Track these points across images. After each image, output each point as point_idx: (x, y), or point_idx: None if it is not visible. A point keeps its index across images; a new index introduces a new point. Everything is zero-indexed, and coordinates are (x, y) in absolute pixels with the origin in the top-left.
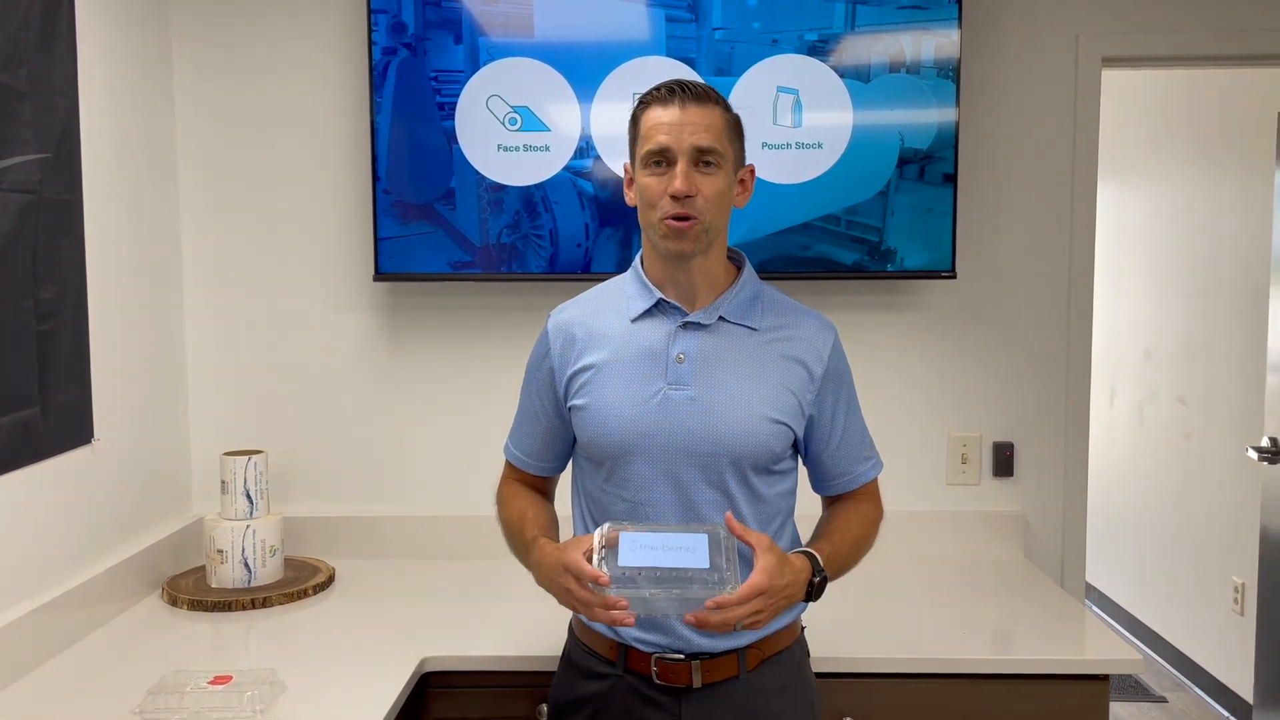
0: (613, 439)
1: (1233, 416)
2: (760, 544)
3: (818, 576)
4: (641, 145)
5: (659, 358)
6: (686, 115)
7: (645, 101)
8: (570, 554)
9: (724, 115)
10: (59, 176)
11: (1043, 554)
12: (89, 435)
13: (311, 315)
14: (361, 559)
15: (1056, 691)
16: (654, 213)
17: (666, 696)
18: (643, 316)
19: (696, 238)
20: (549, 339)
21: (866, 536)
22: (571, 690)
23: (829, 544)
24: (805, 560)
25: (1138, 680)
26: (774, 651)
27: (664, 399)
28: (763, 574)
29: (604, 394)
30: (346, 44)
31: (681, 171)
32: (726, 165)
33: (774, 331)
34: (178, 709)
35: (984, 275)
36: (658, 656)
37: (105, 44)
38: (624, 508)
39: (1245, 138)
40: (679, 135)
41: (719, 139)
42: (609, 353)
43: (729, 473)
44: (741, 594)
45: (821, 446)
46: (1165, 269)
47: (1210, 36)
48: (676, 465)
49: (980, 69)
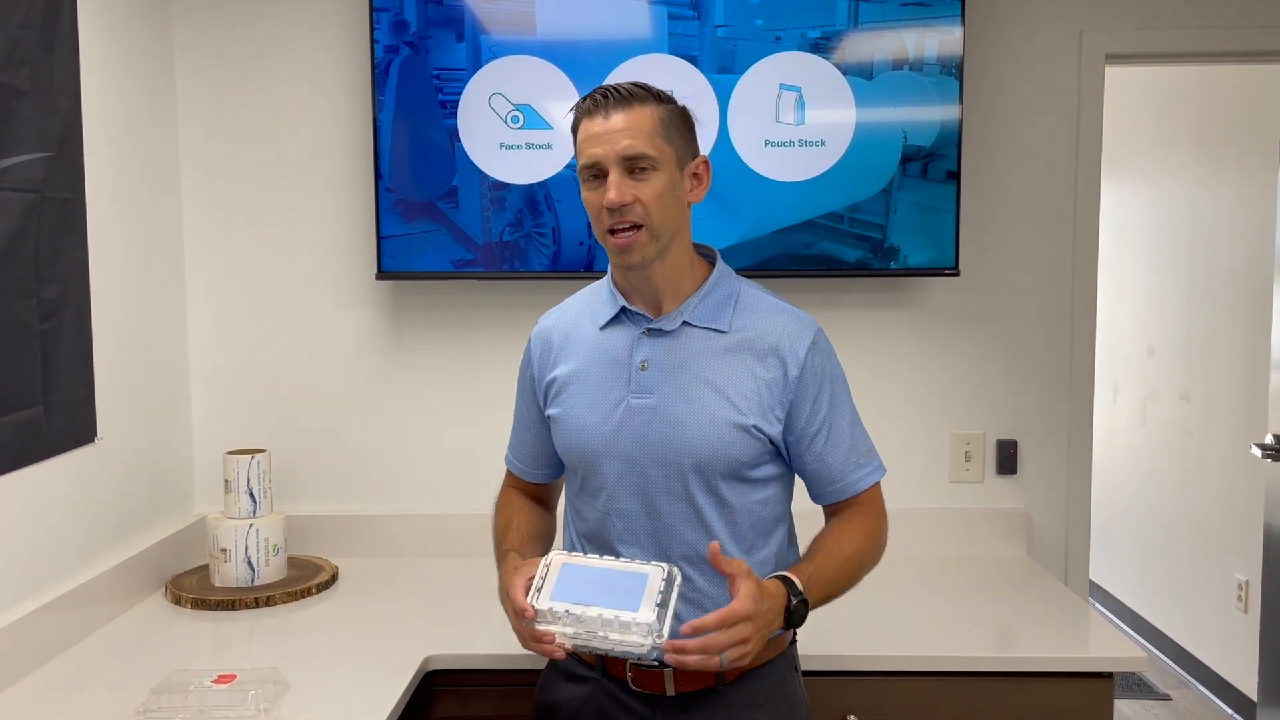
0: (581, 449)
1: (1236, 414)
2: (739, 571)
3: (795, 599)
4: (579, 160)
5: (623, 366)
6: (611, 123)
7: (577, 115)
8: (511, 579)
9: (655, 113)
10: (61, 175)
11: (1046, 551)
12: (92, 434)
13: (314, 314)
14: (365, 558)
15: (1061, 689)
16: (598, 226)
17: (641, 704)
18: (610, 324)
19: (643, 247)
20: (531, 346)
21: (862, 552)
22: (553, 692)
23: (811, 565)
24: (779, 585)
25: (1142, 678)
26: (755, 665)
27: (627, 408)
28: (747, 599)
29: (573, 404)
30: (348, 42)
31: (613, 182)
32: (665, 165)
33: (743, 332)
34: (182, 708)
35: (987, 273)
36: (632, 663)
37: (107, 42)
38: (595, 517)
39: (1249, 134)
40: (607, 145)
41: (649, 141)
42: (579, 362)
43: (692, 481)
44: (721, 617)
45: (804, 450)
46: (1168, 266)
47: (1214, 33)
48: (641, 474)
49: (983, 66)
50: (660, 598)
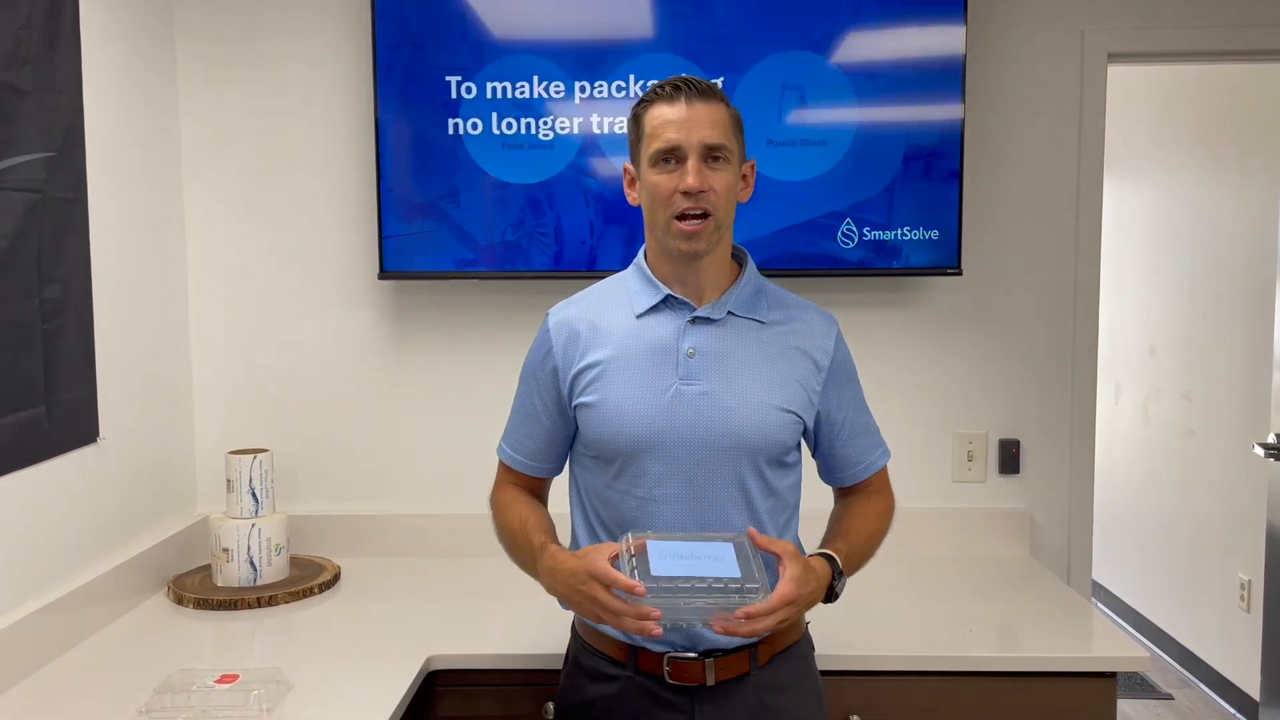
0: (626, 436)
1: (1238, 413)
2: (786, 551)
3: (839, 581)
4: (648, 144)
5: (669, 353)
6: (694, 112)
7: (648, 100)
8: (598, 562)
9: (727, 111)
10: (64, 175)
11: (1049, 551)
12: (94, 434)
13: (316, 313)
14: (367, 557)
15: (1063, 689)
16: (665, 210)
17: (679, 696)
18: (649, 312)
19: (709, 235)
20: (550, 337)
21: (880, 530)
22: (579, 694)
23: (845, 543)
24: (825, 564)
25: (1144, 677)
26: (783, 647)
27: (676, 394)
28: (791, 583)
29: (614, 391)
30: (351, 41)
31: (694, 168)
32: (734, 160)
33: (780, 325)
34: (184, 707)
35: (989, 272)
36: (670, 656)
37: (109, 42)
38: (634, 505)
39: (1251, 134)
40: (688, 132)
41: (726, 135)
42: (615, 349)
43: (745, 466)
44: (772, 603)
45: (833, 437)
46: (1171, 265)
47: (1216, 32)
48: (690, 461)
49: (985, 65)
50: (752, 559)
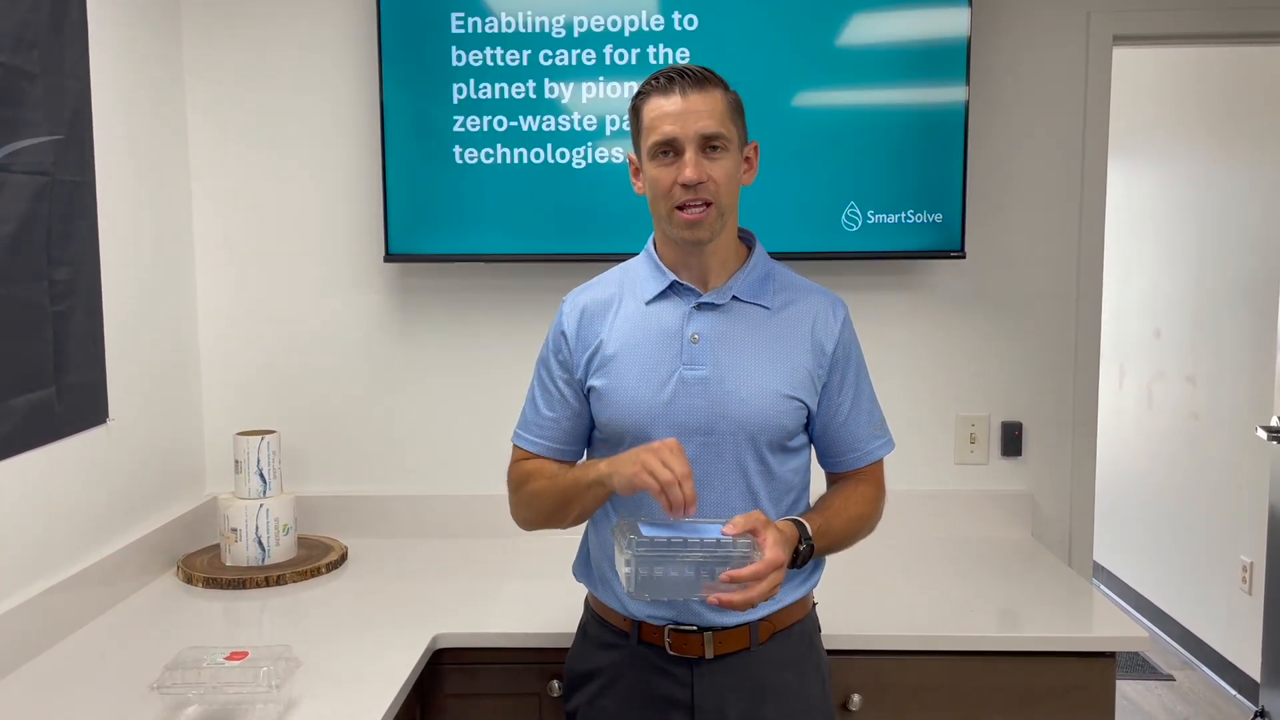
0: (630, 420)
1: (1242, 396)
2: (757, 521)
3: (804, 544)
4: (646, 137)
5: (674, 339)
6: (689, 103)
7: (645, 91)
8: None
9: (724, 96)
10: (72, 158)
11: (1051, 533)
12: (104, 415)
13: (323, 296)
14: (374, 537)
15: (1063, 668)
16: (666, 202)
17: (679, 667)
18: (657, 299)
19: (711, 223)
20: (564, 320)
21: (865, 515)
22: (586, 660)
23: (821, 517)
24: (793, 528)
25: (1145, 658)
26: (785, 625)
27: (680, 380)
28: (776, 546)
29: (621, 376)
30: (357, 22)
31: (690, 160)
32: (733, 147)
33: (786, 309)
34: (195, 684)
35: (993, 255)
36: (671, 628)
37: (116, 25)
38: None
39: (1256, 116)
40: (684, 124)
41: (723, 122)
42: (625, 335)
43: (745, 450)
44: (760, 569)
45: (829, 420)
46: (1175, 248)
47: (1221, 14)
48: (691, 445)
49: (990, 48)
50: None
